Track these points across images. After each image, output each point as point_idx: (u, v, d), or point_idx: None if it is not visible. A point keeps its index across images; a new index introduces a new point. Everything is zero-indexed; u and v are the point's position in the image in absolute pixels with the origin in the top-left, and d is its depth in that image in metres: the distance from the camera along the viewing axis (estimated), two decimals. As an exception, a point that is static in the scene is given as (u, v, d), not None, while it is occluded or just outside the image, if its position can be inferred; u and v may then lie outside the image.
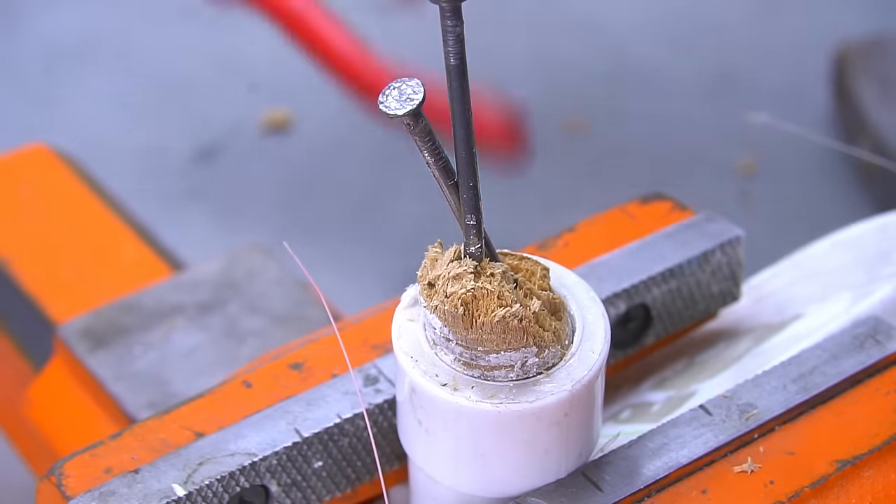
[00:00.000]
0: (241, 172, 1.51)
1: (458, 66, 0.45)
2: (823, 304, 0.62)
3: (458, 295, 0.47)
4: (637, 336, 0.60)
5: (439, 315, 0.48)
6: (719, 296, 0.61)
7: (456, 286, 0.47)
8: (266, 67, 1.52)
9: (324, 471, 0.53)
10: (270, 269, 0.76)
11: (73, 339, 0.72)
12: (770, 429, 0.51)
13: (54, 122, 1.53)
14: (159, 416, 0.54)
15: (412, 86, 0.46)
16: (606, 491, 0.49)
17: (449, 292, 0.47)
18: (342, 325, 0.57)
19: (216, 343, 0.72)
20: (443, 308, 0.47)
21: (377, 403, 0.54)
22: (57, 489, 0.51)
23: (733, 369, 0.60)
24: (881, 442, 0.51)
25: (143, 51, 1.62)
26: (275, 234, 1.41)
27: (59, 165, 0.90)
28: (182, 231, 1.34)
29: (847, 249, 0.67)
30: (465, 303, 0.47)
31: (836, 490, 0.50)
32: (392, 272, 1.35)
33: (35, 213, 0.86)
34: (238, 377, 0.56)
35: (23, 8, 1.67)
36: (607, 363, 0.50)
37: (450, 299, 0.47)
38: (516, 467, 0.49)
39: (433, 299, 0.48)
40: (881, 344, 0.54)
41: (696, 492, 0.49)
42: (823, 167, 1.57)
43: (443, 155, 0.48)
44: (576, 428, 0.49)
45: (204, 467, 0.51)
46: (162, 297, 0.74)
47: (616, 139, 1.50)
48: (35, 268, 0.82)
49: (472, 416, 0.48)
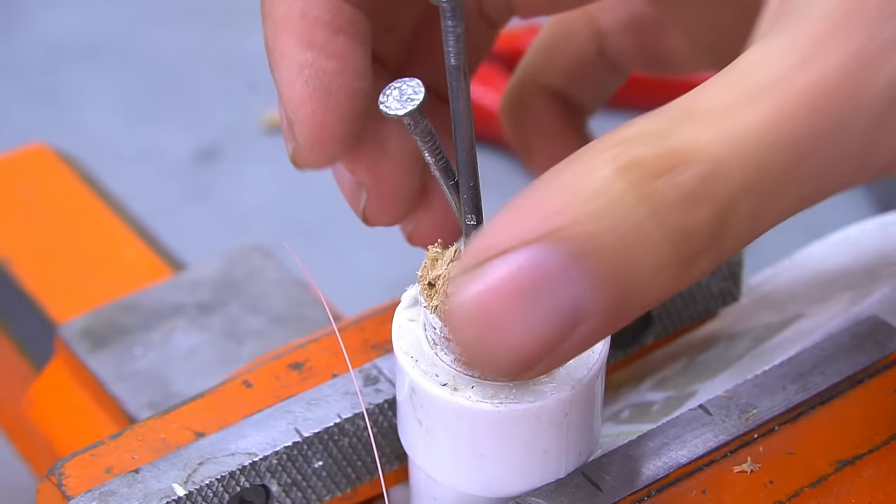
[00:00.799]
0: (241, 172, 1.51)
1: (458, 66, 0.45)
2: (823, 304, 0.62)
3: None
4: (637, 336, 0.60)
5: (440, 315, 0.48)
6: (719, 296, 0.61)
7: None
8: (266, 67, 1.51)
9: (324, 470, 0.53)
10: (270, 269, 0.76)
11: (74, 339, 0.72)
12: (770, 429, 0.51)
13: (54, 122, 1.53)
14: (159, 415, 0.54)
15: (413, 86, 0.47)
16: (606, 491, 0.49)
17: (449, 292, 0.47)
18: (342, 325, 0.57)
19: (216, 343, 0.72)
20: (443, 308, 0.47)
21: (377, 403, 0.54)
22: (57, 489, 0.51)
23: (733, 369, 0.60)
24: (881, 442, 0.51)
25: (143, 51, 1.62)
26: (275, 234, 1.41)
27: (59, 165, 0.90)
28: (182, 231, 1.34)
29: (847, 249, 0.67)
30: None
31: (836, 490, 0.50)
32: (392, 273, 1.34)
33: (35, 213, 0.86)
34: (238, 377, 0.56)
35: (23, 8, 1.67)
36: (607, 363, 0.50)
37: (450, 299, 0.47)
38: (516, 467, 0.49)
39: (433, 299, 0.48)
40: (881, 344, 0.54)
41: (696, 492, 0.49)
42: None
43: (444, 155, 0.48)
44: (576, 428, 0.49)
45: (204, 467, 0.51)
46: (162, 297, 0.74)
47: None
48: (35, 268, 0.82)
49: (472, 416, 0.48)
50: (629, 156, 0.41)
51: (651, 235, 0.40)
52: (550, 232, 0.41)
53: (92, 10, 1.67)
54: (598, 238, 0.40)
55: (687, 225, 0.41)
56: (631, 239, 0.40)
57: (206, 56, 1.58)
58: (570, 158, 0.42)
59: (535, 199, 0.42)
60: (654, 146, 0.41)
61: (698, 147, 0.41)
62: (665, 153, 0.40)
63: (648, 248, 0.41)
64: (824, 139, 0.41)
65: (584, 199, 0.41)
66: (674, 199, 0.40)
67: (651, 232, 0.40)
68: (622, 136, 0.42)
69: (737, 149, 0.40)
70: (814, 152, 0.41)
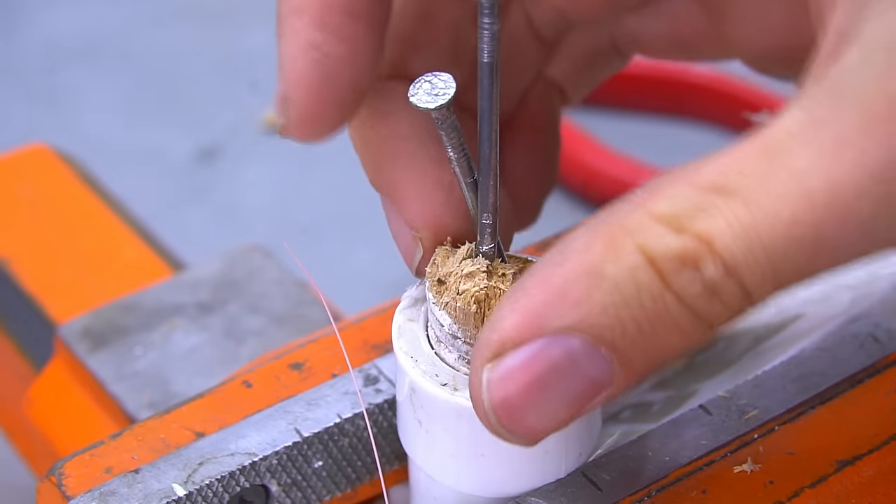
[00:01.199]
0: (240, 172, 1.51)
1: (490, 63, 0.46)
2: (823, 304, 0.62)
3: (472, 293, 0.47)
4: (637, 336, 0.60)
5: (449, 312, 0.48)
6: (719, 296, 0.61)
7: (469, 284, 0.47)
8: (266, 67, 1.51)
9: (324, 470, 0.53)
10: (270, 269, 0.76)
11: (74, 339, 0.72)
12: (770, 429, 0.51)
13: (54, 122, 1.53)
14: (159, 415, 0.54)
15: (444, 80, 0.47)
16: (606, 491, 0.49)
17: (461, 290, 0.47)
18: (342, 325, 0.57)
19: (216, 343, 0.72)
20: (454, 305, 0.47)
21: (377, 403, 0.54)
22: (57, 489, 0.51)
23: (733, 369, 0.60)
24: (881, 442, 0.51)
25: (143, 51, 1.62)
26: (275, 233, 1.41)
27: (59, 165, 0.90)
28: (182, 231, 1.34)
29: (847, 249, 0.67)
30: (478, 301, 0.47)
31: (836, 490, 0.50)
32: (392, 273, 1.34)
33: (35, 213, 0.86)
34: (238, 377, 0.56)
35: (23, 8, 1.67)
36: (607, 363, 0.50)
37: (462, 296, 0.47)
38: (516, 467, 0.49)
39: (444, 296, 0.48)
40: (881, 344, 0.54)
41: (696, 492, 0.49)
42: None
43: (466, 152, 0.48)
44: (576, 428, 0.49)
45: (204, 467, 0.51)
46: (162, 297, 0.74)
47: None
48: (35, 268, 0.82)
49: (472, 416, 0.47)
50: (656, 247, 0.41)
51: (678, 317, 0.41)
52: (579, 321, 0.41)
53: (92, 10, 1.67)
54: (626, 324, 0.41)
55: (713, 307, 0.41)
56: (659, 323, 0.41)
57: (206, 56, 1.58)
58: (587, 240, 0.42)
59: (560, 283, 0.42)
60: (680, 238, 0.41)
61: (724, 245, 0.41)
62: (692, 246, 0.41)
63: (675, 327, 0.42)
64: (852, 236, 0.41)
65: (611, 288, 0.41)
66: (699, 289, 0.41)
67: (678, 314, 0.41)
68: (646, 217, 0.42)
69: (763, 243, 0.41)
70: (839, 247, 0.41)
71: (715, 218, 0.41)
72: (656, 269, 0.41)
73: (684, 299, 0.41)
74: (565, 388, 0.42)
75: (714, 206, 0.41)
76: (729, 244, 0.41)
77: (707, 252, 0.41)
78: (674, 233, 0.41)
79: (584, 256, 0.42)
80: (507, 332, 0.42)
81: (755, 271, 0.41)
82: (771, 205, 0.41)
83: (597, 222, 0.43)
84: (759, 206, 0.41)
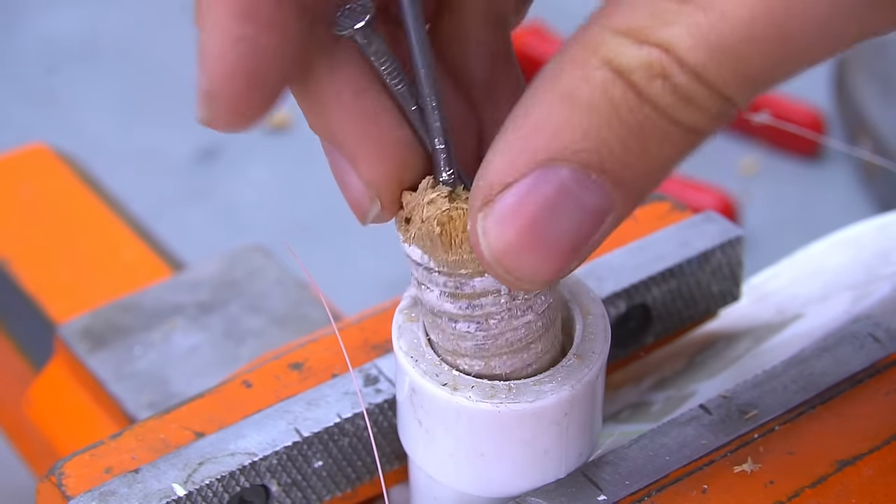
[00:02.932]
0: (241, 172, 1.51)
1: None
2: (823, 304, 0.62)
3: (434, 216, 0.46)
4: (637, 336, 0.60)
5: (418, 243, 0.46)
6: (719, 296, 0.61)
7: (431, 209, 0.46)
8: (266, 67, 1.51)
9: (324, 470, 0.53)
10: (270, 269, 0.76)
11: (73, 339, 0.72)
12: (770, 429, 0.51)
13: (54, 122, 1.53)
14: (159, 415, 0.54)
15: (362, 4, 0.45)
16: (606, 491, 0.49)
17: (425, 217, 0.46)
18: (342, 325, 0.57)
19: (216, 343, 0.72)
20: (420, 234, 0.46)
21: (377, 403, 0.54)
22: (57, 489, 0.51)
23: (733, 369, 0.60)
24: (881, 442, 0.51)
25: (143, 51, 1.62)
26: (275, 233, 1.41)
27: (59, 165, 0.90)
28: (182, 231, 1.34)
29: (847, 249, 0.67)
30: (441, 223, 0.46)
31: (837, 490, 0.50)
32: (392, 273, 1.35)
33: (35, 213, 0.87)
34: (238, 377, 0.56)
35: (23, 8, 1.67)
36: (607, 363, 0.50)
37: (426, 223, 0.46)
38: (516, 467, 0.49)
39: (411, 229, 0.46)
40: (881, 344, 0.54)
41: (695, 491, 0.49)
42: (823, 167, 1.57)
43: (403, 79, 0.46)
44: (576, 428, 0.49)
45: (204, 467, 0.51)
46: (162, 297, 0.74)
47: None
48: (35, 268, 0.82)
49: (471, 415, 0.48)
50: (621, 59, 0.40)
51: (660, 127, 0.41)
52: (562, 149, 0.40)
53: (91, 11, 1.67)
54: (610, 144, 0.40)
55: (692, 113, 0.41)
56: (643, 136, 0.41)
57: (206, 56, 1.57)
58: (554, 67, 0.41)
59: (536, 115, 0.41)
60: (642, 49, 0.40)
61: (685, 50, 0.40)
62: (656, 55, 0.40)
63: (660, 138, 0.41)
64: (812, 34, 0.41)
65: (587, 110, 0.40)
66: (673, 97, 0.40)
67: (659, 124, 0.41)
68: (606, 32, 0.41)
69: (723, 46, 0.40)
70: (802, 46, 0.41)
71: (673, 26, 0.40)
72: (627, 81, 0.40)
73: (661, 108, 0.40)
74: (565, 221, 0.41)
75: (672, 14, 0.40)
76: (691, 49, 0.40)
77: (671, 60, 0.40)
78: (636, 44, 0.40)
79: (553, 83, 0.41)
80: (492, 175, 0.41)
81: (723, 74, 0.40)
82: (729, 8, 0.40)
83: (561, 49, 0.42)
84: (715, 9, 0.40)
